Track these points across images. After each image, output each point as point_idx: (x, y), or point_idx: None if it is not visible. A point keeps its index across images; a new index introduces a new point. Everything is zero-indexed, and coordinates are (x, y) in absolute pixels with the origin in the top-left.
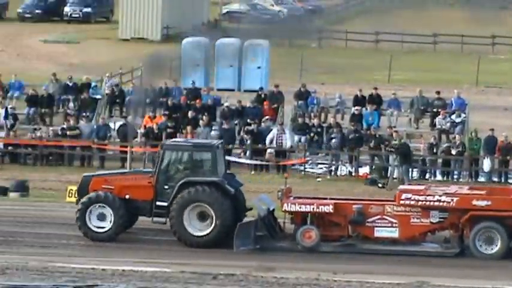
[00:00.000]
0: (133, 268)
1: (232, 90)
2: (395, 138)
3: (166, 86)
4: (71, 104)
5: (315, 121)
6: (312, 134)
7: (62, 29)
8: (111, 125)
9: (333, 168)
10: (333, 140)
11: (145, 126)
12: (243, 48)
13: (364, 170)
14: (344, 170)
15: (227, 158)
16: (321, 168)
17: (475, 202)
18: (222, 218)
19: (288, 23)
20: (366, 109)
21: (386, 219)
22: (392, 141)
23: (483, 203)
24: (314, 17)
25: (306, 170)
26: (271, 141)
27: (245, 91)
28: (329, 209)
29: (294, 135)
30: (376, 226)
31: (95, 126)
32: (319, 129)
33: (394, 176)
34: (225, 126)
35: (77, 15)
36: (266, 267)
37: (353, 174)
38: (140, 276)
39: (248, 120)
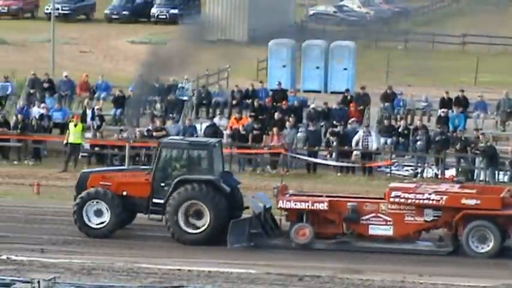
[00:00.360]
0: (219, 269)
1: (319, 91)
2: (482, 140)
3: (253, 88)
4: (158, 105)
5: (401, 123)
6: (398, 136)
7: (149, 30)
8: (198, 126)
9: (418, 170)
10: (419, 142)
11: (231, 127)
12: (329, 49)
13: (450, 173)
14: (430, 172)
15: (313, 160)
16: (407, 170)
17: (464, 201)
18: (217, 216)
19: (375, 25)
20: (452, 111)
21: (380, 217)
22: (478, 144)
23: (472, 202)
24: (401, 18)
25: (392, 172)
26: (357, 143)
27: (331, 93)
28: (324, 206)
29: (380, 137)
30: (371, 224)
31: (181, 128)
32: (405, 131)
33: (481, 179)
34: (311, 127)
35: (164, 17)
36: (352, 269)
37: (439, 176)
38: (226, 277)
39: (334, 122)
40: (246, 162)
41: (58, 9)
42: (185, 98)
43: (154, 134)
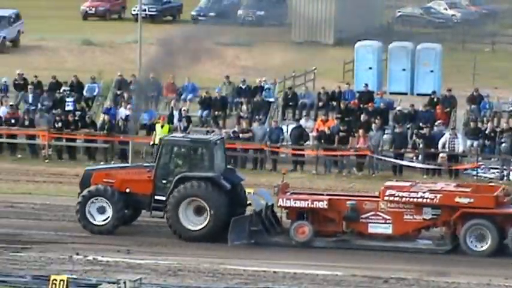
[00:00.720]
0: (304, 271)
1: (405, 93)
2: None
3: (340, 89)
4: (244, 107)
5: (488, 125)
6: (484, 139)
7: (236, 32)
8: (284, 128)
9: (504, 173)
10: (503, 145)
11: (317, 129)
12: (415, 51)
13: None
14: None
15: (399, 162)
16: (493, 173)
17: (458, 199)
18: (217, 213)
19: (461, 27)
20: None
21: (380, 216)
22: None
23: (466, 200)
24: (488, 20)
25: (478, 174)
26: (443, 146)
27: (418, 95)
28: (323, 204)
29: (466, 140)
30: (370, 222)
31: (267, 129)
32: (491, 134)
33: None
34: (397, 130)
35: (250, 18)
36: (438, 272)
37: None
38: (311, 279)
39: (420, 124)
40: (332, 164)
41: (145, 10)
42: (271, 99)
43: (240, 135)
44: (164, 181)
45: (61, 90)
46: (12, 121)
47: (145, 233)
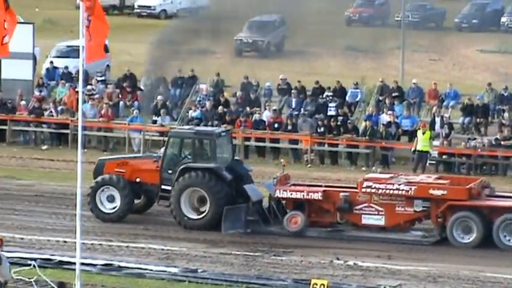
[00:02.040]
0: None
1: None
2: None
3: None
4: (506, 114)
5: None
6: None
7: (499, 39)
8: None
9: None
10: None
11: None
12: None
13: None
14: None
15: None
16: None
17: (432, 191)
18: (216, 203)
19: None
20: None
21: (373, 207)
22: None
23: (439, 193)
24: None
25: None
26: None
27: None
28: (318, 196)
29: None
30: (364, 214)
31: None
32: None
33: None
34: None
35: None
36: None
37: None
38: None
39: None
40: None
41: (408, 16)
42: None
43: (502, 143)
44: (170, 171)
45: (324, 96)
46: (276, 125)
47: (404, 240)
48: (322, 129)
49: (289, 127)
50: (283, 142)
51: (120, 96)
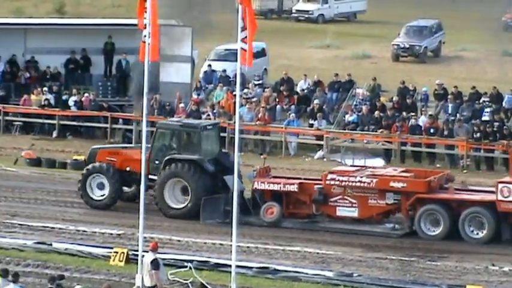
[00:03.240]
0: None
1: None
2: None
3: None
4: None
5: None
6: None
7: None
8: None
9: None
10: None
11: None
12: None
13: None
14: None
15: None
16: None
17: (392, 183)
18: (198, 193)
19: None
20: None
21: (347, 200)
22: None
23: (399, 185)
24: None
25: None
26: None
27: None
28: (294, 188)
29: None
30: (338, 206)
31: None
32: None
33: None
34: None
35: None
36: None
37: None
38: None
39: None
40: None
41: None
42: None
43: None
44: (157, 162)
45: (480, 101)
46: (432, 130)
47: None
48: (478, 134)
49: (445, 132)
50: (439, 147)
51: (277, 100)
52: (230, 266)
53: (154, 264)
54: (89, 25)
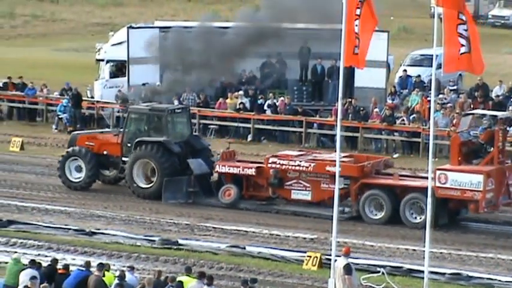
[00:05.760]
0: None
1: None
2: None
3: None
4: None
5: None
6: None
7: None
8: None
9: None
10: None
11: None
12: None
13: None
14: None
15: None
16: None
17: (328, 168)
18: (163, 174)
19: None
20: None
21: (301, 184)
22: None
23: (334, 169)
24: None
25: None
26: None
27: None
28: (252, 172)
29: None
30: (293, 189)
31: None
32: None
33: None
34: None
35: None
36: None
37: None
38: None
39: None
40: None
41: None
42: None
43: None
44: (129, 144)
45: None
46: None
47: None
48: None
49: None
50: None
51: (471, 106)
52: (423, 272)
53: (347, 269)
54: (285, 29)
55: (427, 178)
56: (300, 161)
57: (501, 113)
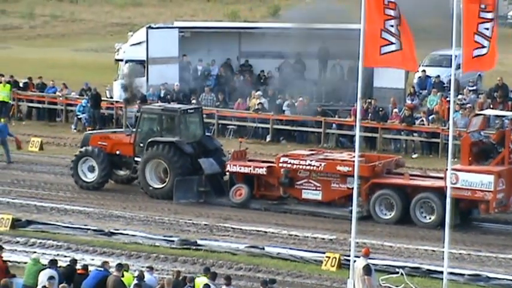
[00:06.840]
0: None
1: None
2: None
3: None
4: None
5: None
6: None
7: None
8: None
9: None
10: None
11: None
12: None
13: None
14: None
15: None
16: None
17: (339, 167)
18: (176, 174)
19: None
20: None
21: (311, 183)
22: None
23: (345, 169)
24: None
25: None
26: None
27: None
28: (263, 171)
29: None
30: (304, 189)
31: None
32: None
33: None
34: None
35: None
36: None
37: None
38: None
39: None
40: None
41: None
42: None
43: None
44: (141, 144)
45: None
46: None
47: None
48: None
49: None
50: None
51: (491, 106)
52: (442, 272)
53: (366, 269)
54: (303, 29)
55: (437, 178)
56: (311, 161)
57: (511, 113)
